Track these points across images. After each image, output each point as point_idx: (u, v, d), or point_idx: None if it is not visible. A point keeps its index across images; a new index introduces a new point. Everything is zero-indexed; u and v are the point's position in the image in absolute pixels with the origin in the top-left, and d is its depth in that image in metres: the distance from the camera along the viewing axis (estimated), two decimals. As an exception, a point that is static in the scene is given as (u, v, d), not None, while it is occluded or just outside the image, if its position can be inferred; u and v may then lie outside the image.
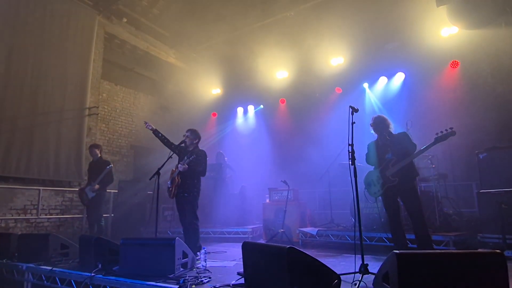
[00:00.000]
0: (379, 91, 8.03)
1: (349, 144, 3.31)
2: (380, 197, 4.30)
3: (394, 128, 4.37)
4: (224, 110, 10.60)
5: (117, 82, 9.55)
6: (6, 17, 6.82)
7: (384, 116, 4.36)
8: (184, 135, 4.91)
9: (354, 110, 3.43)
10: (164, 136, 4.98)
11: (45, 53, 7.45)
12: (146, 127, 4.99)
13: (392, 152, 4.15)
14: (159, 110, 10.61)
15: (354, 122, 3.41)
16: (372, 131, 4.37)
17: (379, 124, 4.27)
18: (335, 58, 8.47)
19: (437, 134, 3.90)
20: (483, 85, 6.72)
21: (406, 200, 4.12)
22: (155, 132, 4.96)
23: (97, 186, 6.07)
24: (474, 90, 6.73)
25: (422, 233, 3.98)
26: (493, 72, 6.71)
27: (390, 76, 7.91)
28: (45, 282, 4.07)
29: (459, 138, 6.40)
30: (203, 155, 4.83)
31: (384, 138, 4.25)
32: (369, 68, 8.01)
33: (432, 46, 7.16)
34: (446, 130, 3.87)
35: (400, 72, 7.71)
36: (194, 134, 4.93)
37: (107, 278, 3.40)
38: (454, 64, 7.04)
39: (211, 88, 10.69)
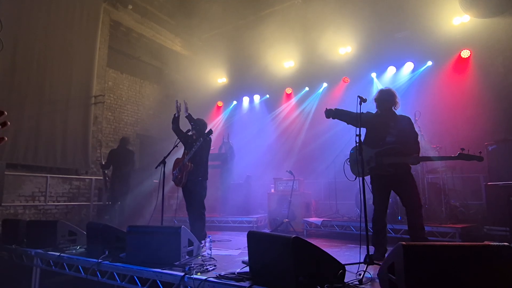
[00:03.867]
0: (387, 81, 7.90)
1: (356, 135, 3.25)
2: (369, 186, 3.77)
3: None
4: (229, 99, 10.56)
5: (122, 70, 9.54)
6: (11, 5, 6.78)
7: (394, 91, 3.80)
8: (190, 131, 4.89)
9: (363, 100, 3.35)
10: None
11: (50, 41, 7.43)
12: (177, 105, 4.96)
13: (397, 137, 3.63)
14: (165, 98, 10.60)
15: (363, 112, 3.35)
16: (376, 108, 3.85)
17: (386, 100, 3.73)
18: (343, 47, 8.34)
19: (462, 150, 3.45)
20: (494, 75, 6.58)
21: (403, 192, 3.63)
22: (176, 119, 4.97)
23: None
24: (485, 80, 6.59)
25: (420, 234, 3.52)
26: (504, 61, 6.56)
27: (399, 66, 7.78)
28: (53, 267, 4.15)
29: (468, 128, 6.35)
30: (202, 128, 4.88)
31: (386, 117, 3.74)
32: (377, 57, 7.87)
33: (443, 35, 7.01)
34: (479, 153, 3.40)
35: (409, 62, 7.57)
36: (200, 130, 4.86)
37: (114, 265, 3.45)
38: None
39: (216, 77, 10.63)
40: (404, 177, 3.60)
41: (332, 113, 3.95)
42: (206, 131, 4.69)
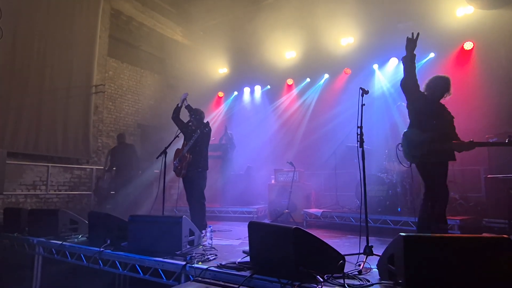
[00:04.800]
0: (389, 72, 7.86)
1: (358, 127, 3.24)
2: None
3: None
4: (230, 90, 10.50)
5: (123, 59, 9.46)
6: (11, -8, 6.70)
7: (450, 80, 3.63)
8: (189, 122, 4.89)
9: (364, 92, 3.34)
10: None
11: (50, 29, 7.36)
12: (183, 97, 4.94)
13: (449, 122, 3.50)
14: (166, 88, 10.55)
15: (364, 104, 3.33)
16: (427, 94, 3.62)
17: (441, 87, 3.55)
18: (345, 38, 8.27)
19: (510, 137, 3.29)
20: (497, 68, 6.53)
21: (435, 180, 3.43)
22: (178, 109, 4.98)
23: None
24: (487, 73, 6.55)
25: (435, 226, 3.29)
26: (507, 54, 6.50)
27: (401, 57, 7.69)
28: (55, 256, 4.19)
29: (470, 121, 6.32)
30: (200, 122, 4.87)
31: (438, 104, 3.55)
32: (379, 48, 7.80)
33: (446, 26, 6.93)
34: None
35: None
36: (199, 120, 4.87)
37: (116, 253, 3.48)
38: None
39: (218, 67, 10.56)
40: (440, 166, 3.42)
41: (409, 60, 3.67)
42: (203, 125, 4.68)
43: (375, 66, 8.04)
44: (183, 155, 4.70)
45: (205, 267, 2.78)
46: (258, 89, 10.06)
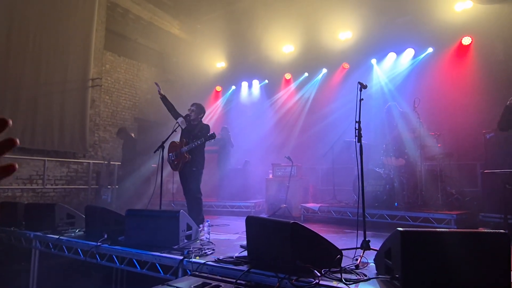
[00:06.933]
0: (387, 67, 7.84)
1: (356, 121, 3.23)
2: None
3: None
4: (228, 84, 10.45)
5: (120, 53, 9.38)
6: (5, -17, 6.60)
7: None
8: (189, 109, 4.86)
9: (363, 87, 3.32)
10: (171, 105, 4.95)
11: (46, 22, 7.26)
12: (158, 90, 4.92)
13: None
14: (163, 83, 10.40)
15: (362, 99, 3.32)
16: None
17: None
18: (343, 32, 8.22)
19: None
20: (495, 63, 6.53)
21: None
22: (163, 99, 4.92)
23: None
24: (485, 68, 6.54)
25: None
26: (506, 49, 6.50)
27: (399, 52, 7.70)
28: (52, 250, 4.17)
29: (467, 116, 6.35)
30: (206, 129, 4.78)
31: None
32: (378, 43, 7.78)
33: (444, 21, 6.92)
34: None
35: (410, 48, 7.49)
36: (199, 108, 4.87)
37: (113, 248, 3.47)
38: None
39: (215, 61, 10.49)
40: None
41: None
42: (209, 134, 4.52)
43: (373, 61, 8.01)
44: (182, 154, 4.64)
45: (202, 261, 2.78)
46: (256, 83, 10.01)
